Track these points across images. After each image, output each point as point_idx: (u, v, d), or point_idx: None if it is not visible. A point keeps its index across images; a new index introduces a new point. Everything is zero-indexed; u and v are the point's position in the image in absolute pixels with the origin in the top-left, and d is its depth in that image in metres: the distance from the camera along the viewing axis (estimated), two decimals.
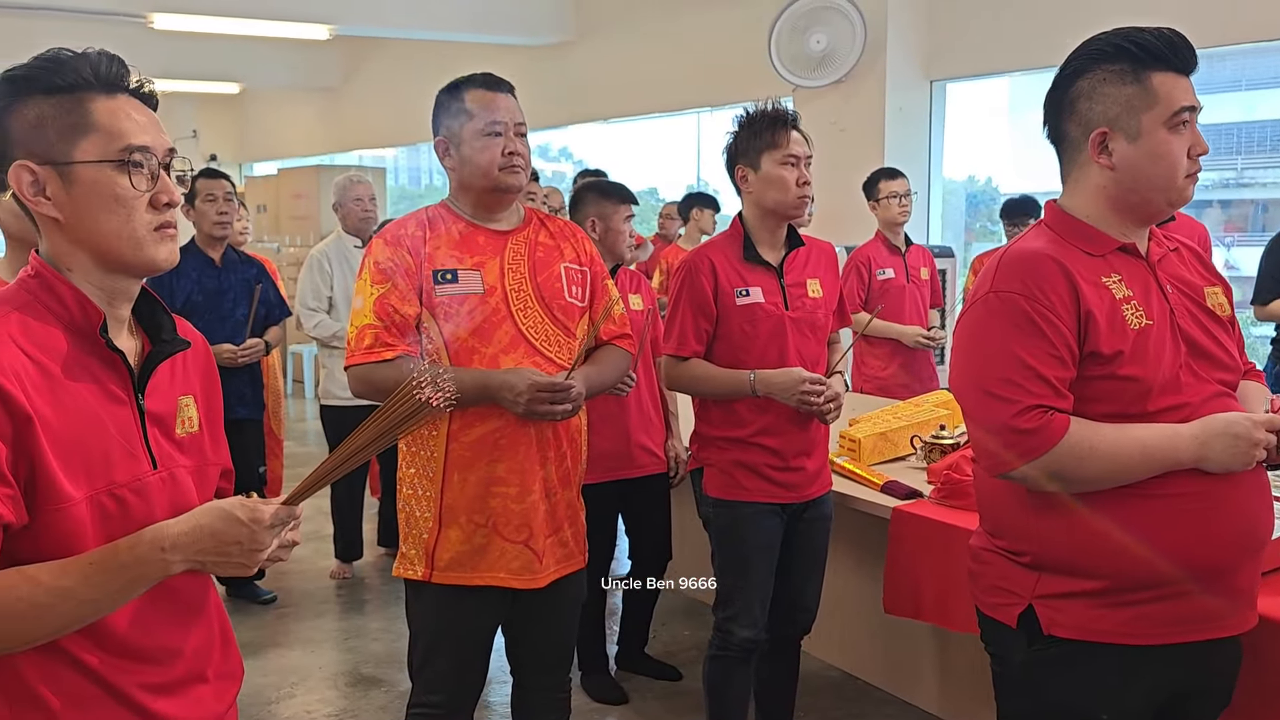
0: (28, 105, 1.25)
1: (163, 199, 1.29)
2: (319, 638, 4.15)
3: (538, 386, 2.13)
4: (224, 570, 1.28)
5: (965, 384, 1.72)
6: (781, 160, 2.57)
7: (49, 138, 1.24)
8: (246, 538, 1.25)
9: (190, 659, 1.36)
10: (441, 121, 2.27)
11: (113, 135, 1.26)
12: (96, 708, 1.26)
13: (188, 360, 1.42)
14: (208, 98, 12.27)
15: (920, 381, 4.56)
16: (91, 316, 1.27)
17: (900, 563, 2.78)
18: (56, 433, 1.20)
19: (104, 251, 1.27)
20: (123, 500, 1.26)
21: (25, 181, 1.25)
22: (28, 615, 1.17)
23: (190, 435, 1.39)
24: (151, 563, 1.22)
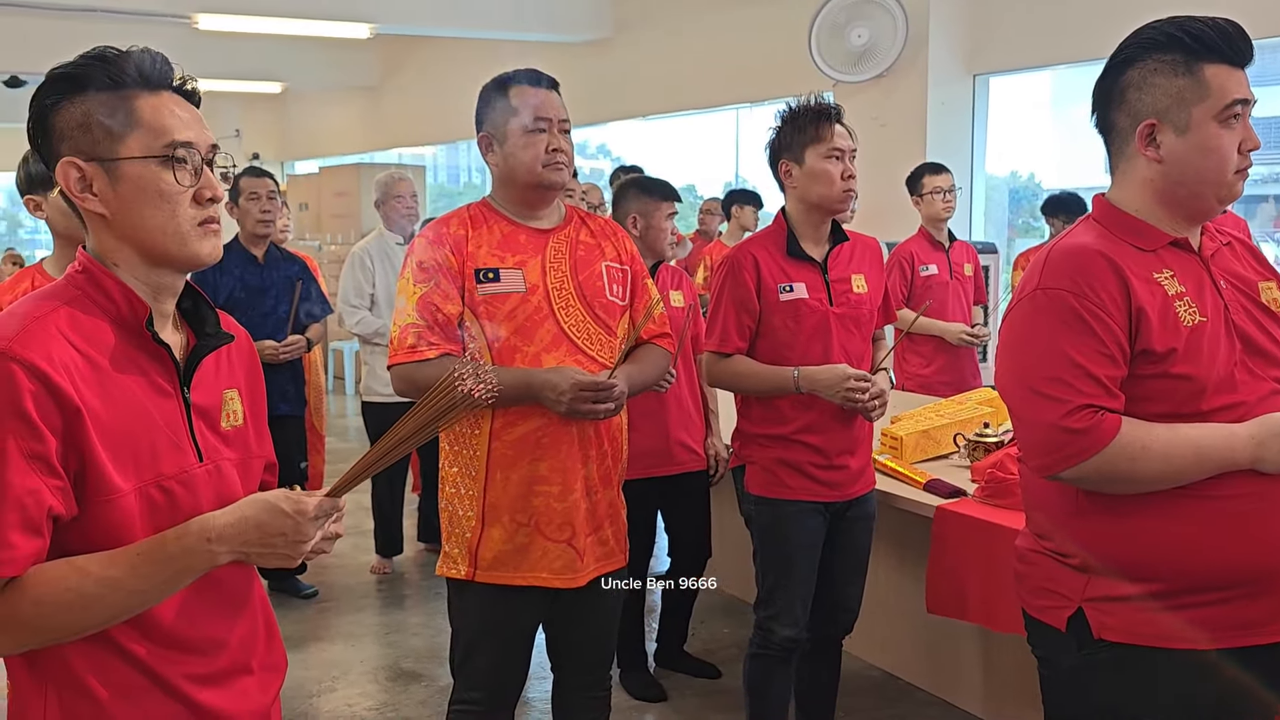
0: (74, 103, 1.26)
1: (206, 194, 1.30)
2: (359, 632, 4.18)
3: (580, 386, 2.12)
4: (268, 562, 1.29)
5: (1012, 383, 1.68)
6: (826, 154, 2.54)
7: (95, 135, 1.26)
8: (291, 529, 1.26)
9: (235, 651, 1.37)
10: (485, 117, 2.27)
11: (157, 131, 1.27)
12: (143, 698, 1.28)
13: (232, 354, 1.44)
14: (251, 97, 12.42)
15: (963, 379, 4.51)
16: (138, 310, 1.28)
17: (943, 562, 2.75)
18: (105, 425, 1.22)
19: (149, 246, 1.29)
20: (170, 492, 1.28)
21: (72, 178, 1.27)
22: (76, 605, 1.19)
23: (235, 429, 1.40)
24: (198, 554, 1.24)
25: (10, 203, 20.53)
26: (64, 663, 1.24)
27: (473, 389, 1.29)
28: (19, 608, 1.18)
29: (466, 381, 1.29)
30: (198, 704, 1.32)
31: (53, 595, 1.18)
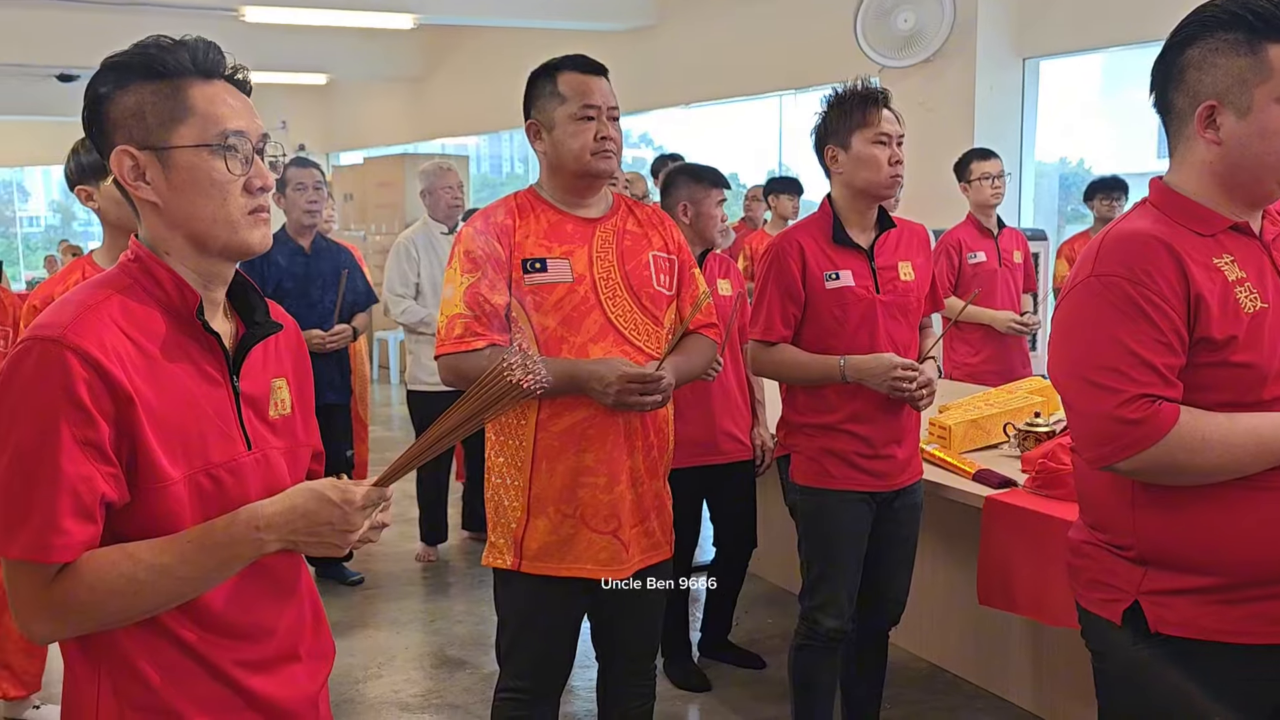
0: (128, 92, 1.27)
1: (256, 183, 1.31)
2: (405, 619, 4.21)
3: (627, 378, 2.11)
4: (316, 550, 1.29)
5: (1065, 372, 1.65)
6: (873, 139, 2.51)
7: (148, 123, 1.26)
8: (338, 518, 1.26)
9: (283, 638, 1.38)
10: (533, 104, 2.26)
11: (209, 120, 1.28)
12: (194, 683, 1.29)
13: (280, 343, 1.44)
14: (297, 89, 12.53)
15: (1012, 368, 4.44)
16: (188, 299, 1.29)
17: (993, 553, 2.71)
18: (156, 413, 1.23)
19: (200, 234, 1.29)
20: (219, 480, 1.29)
21: (126, 166, 1.27)
22: (128, 591, 1.20)
23: (283, 417, 1.40)
24: (246, 542, 1.25)
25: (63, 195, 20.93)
26: (117, 647, 1.26)
27: (521, 379, 1.28)
28: (73, 593, 1.19)
29: (515, 372, 1.28)
30: (247, 690, 1.33)
31: (106, 581, 1.19)
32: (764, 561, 4.26)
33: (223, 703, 1.31)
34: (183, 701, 1.28)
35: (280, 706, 1.37)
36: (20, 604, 1.21)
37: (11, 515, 1.17)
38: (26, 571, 1.19)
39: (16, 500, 1.17)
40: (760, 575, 4.39)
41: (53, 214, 21.38)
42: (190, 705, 1.28)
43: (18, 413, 1.18)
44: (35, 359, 1.18)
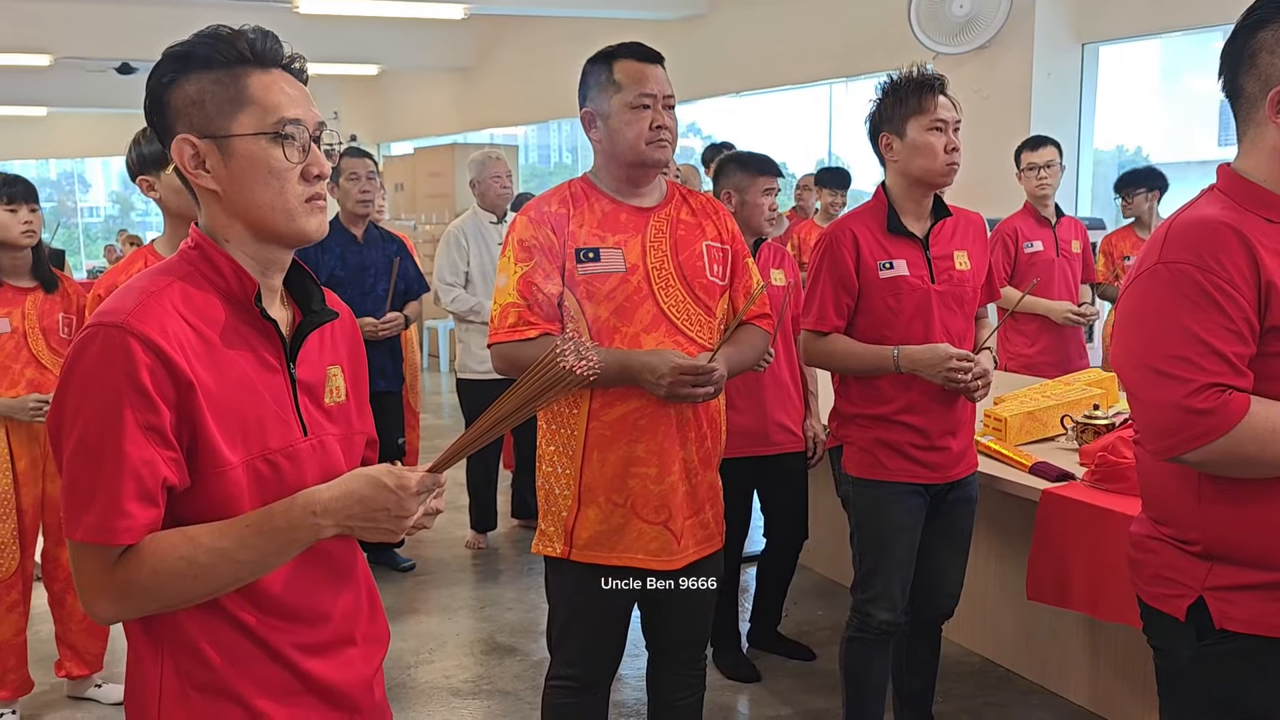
0: (189, 81, 1.28)
1: (313, 171, 1.32)
2: (455, 605, 4.25)
3: (680, 369, 2.10)
4: (370, 536, 1.30)
5: (1131, 362, 1.61)
6: (929, 126, 2.47)
7: (208, 112, 1.28)
8: (394, 504, 1.27)
9: (339, 622, 1.40)
10: (589, 92, 2.25)
11: (267, 109, 1.29)
12: (253, 665, 1.31)
13: (335, 331, 1.45)
14: (348, 80, 12.67)
15: (1068, 359, 4.36)
16: (247, 286, 1.31)
17: (1048, 547, 2.66)
18: (216, 399, 1.24)
19: (258, 222, 1.30)
20: (276, 465, 1.30)
21: (186, 154, 1.29)
22: (188, 574, 1.22)
23: (338, 404, 1.42)
24: (303, 526, 1.26)
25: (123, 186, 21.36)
26: (179, 628, 1.28)
27: (574, 366, 1.28)
28: (136, 575, 1.21)
29: (568, 358, 1.28)
30: (304, 673, 1.34)
31: (167, 564, 1.21)
32: (814, 553, 4.23)
33: (281, 685, 1.33)
34: (243, 683, 1.30)
35: (337, 689, 1.38)
36: (85, 584, 1.23)
37: (77, 498, 1.20)
38: (91, 553, 1.21)
39: (82, 484, 1.19)
40: (810, 567, 4.36)
41: (112, 204, 21.84)
42: (250, 687, 1.30)
43: (84, 398, 1.20)
44: (100, 345, 1.20)
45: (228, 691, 1.29)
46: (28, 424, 3.16)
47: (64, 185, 20.37)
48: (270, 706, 1.32)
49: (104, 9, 9.29)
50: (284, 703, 1.33)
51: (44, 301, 3.22)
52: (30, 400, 3.12)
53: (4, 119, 15.46)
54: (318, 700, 1.36)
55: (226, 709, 1.29)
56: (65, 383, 1.22)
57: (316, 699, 1.36)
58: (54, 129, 16.43)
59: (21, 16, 9.08)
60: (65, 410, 1.21)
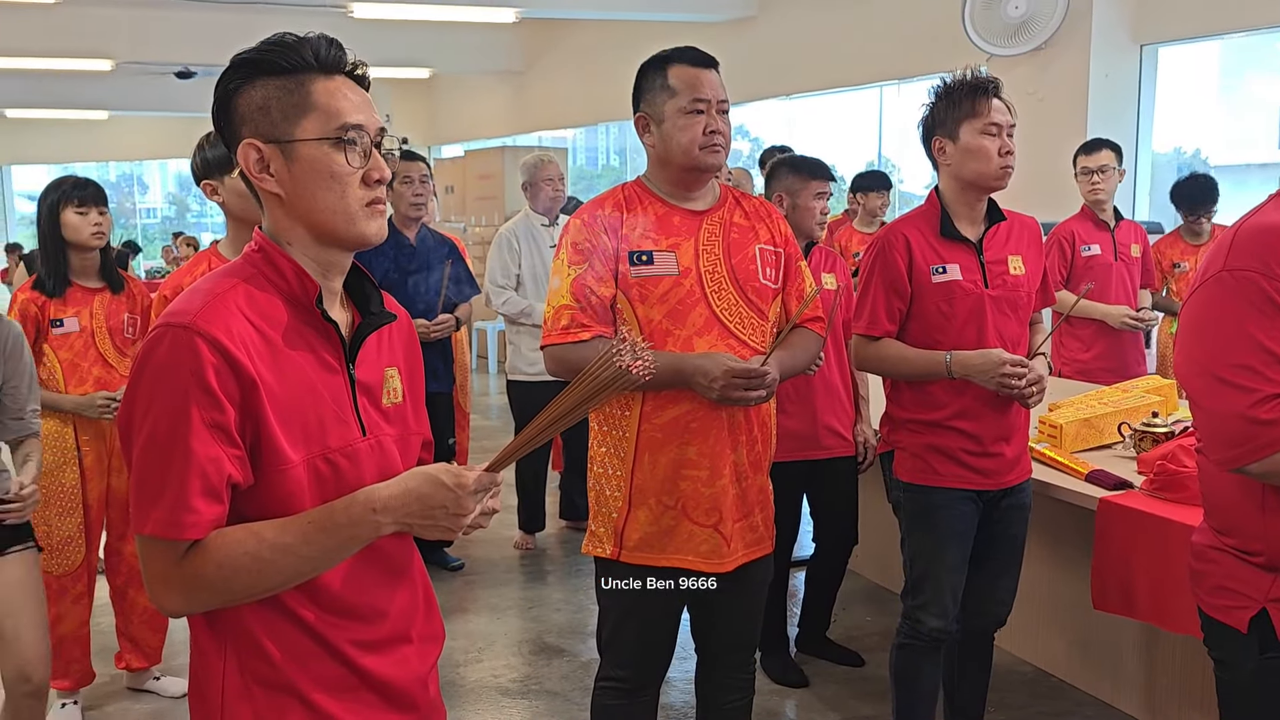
0: (255, 87, 1.31)
1: (374, 175, 1.34)
2: (504, 605, 4.28)
3: (733, 372, 2.10)
4: (429, 534, 1.32)
5: (1195, 370, 1.59)
6: (982, 129, 2.44)
7: (274, 117, 1.31)
8: (451, 502, 1.29)
9: (396, 619, 1.42)
10: (643, 96, 2.26)
11: (330, 114, 1.31)
12: (312, 661, 1.33)
13: (392, 334, 1.47)
14: (401, 83, 12.81)
15: (1125, 366, 4.29)
16: (309, 288, 1.33)
17: (1110, 557, 2.63)
18: (278, 398, 1.27)
19: (320, 225, 1.33)
20: (336, 465, 1.32)
21: (252, 159, 1.32)
22: (252, 569, 1.25)
23: (395, 406, 1.44)
24: (364, 523, 1.28)
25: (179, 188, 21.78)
26: (242, 624, 1.30)
27: (630, 365, 1.29)
28: (203, 569, 1.24)
29: (624, 357, 1.29)
30: (362, 669, 1.36)
31: (232, 558, 1.24)
32: (863, 558, 4.21)
33: (340, 681, 1.35)
34: (302, 679, 1.32)
35: (394, 686, 1.40)
36: (153, 578, 1.26)
37: (147, 494, 1.23)
38: (159, 547, 1.24)
39: (151, 480, 1.23)
40: (859, 572, 4.34)
41: (169, 206, 22.26)
42: (309, 682, 1.33)
43: (153, 397, 1.23)
44: (168, 345, 1.23)
45: (288, 687, 1.32)
46: (95, 421, 3.24)
47: (123, 187, 20.80)
48: (329, 702, 1.34)
49: (164, 15, 9.49)
50: (342, 699, 1.35)
51: (111, 302, 3.29)
52: (98, 398, 3.20)
53: (68, 122, 15.84)
54: (375, 697, 1.38)
55: (287, 703, 1.32)
56: (135, 382, 1.25)
57: (374, 695, 1.38)
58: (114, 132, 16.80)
59: (86, 23, 9.31)
60: (135, 408, 1.24)
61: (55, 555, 3.27)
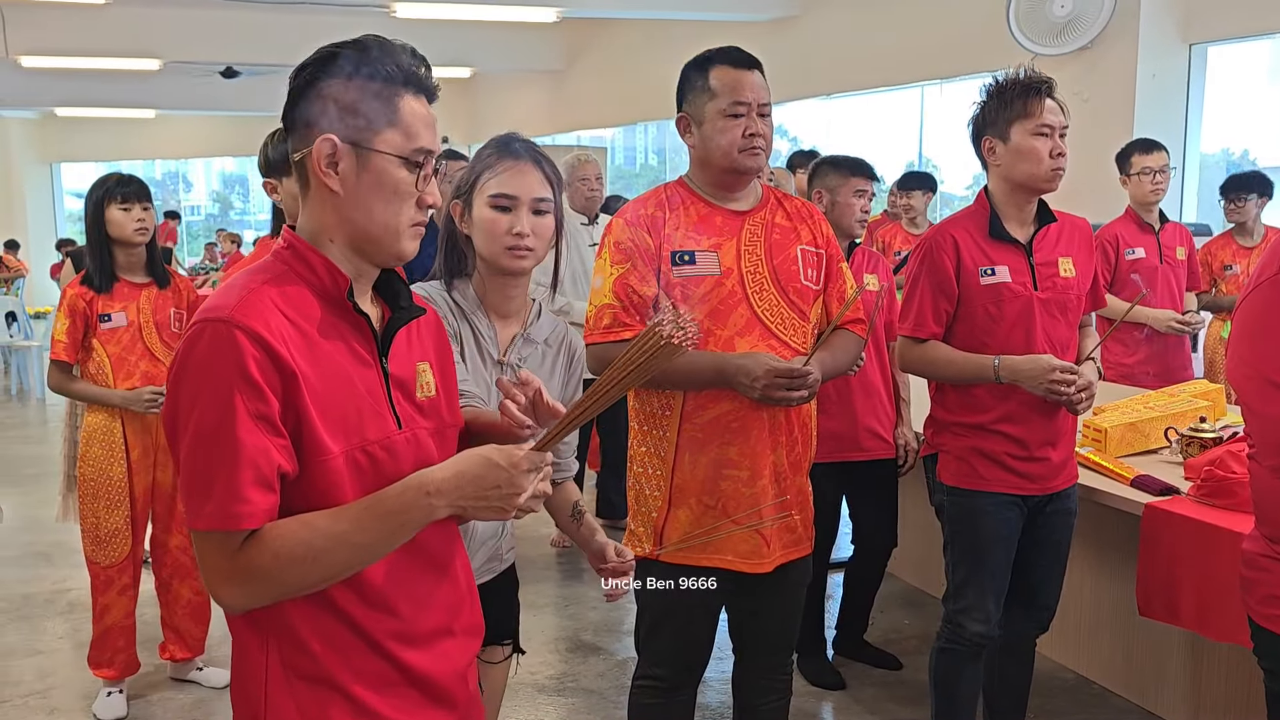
0: (349, 85, 1.31)
1: (427, 200, 1.35)
2: (540, 602, 4.29)
3: (775, 372, 2.09)
4: (483, 515, 1.32)
5: (1248, 373, 1.56)
6: (1034, 130, 2.41)
7: (359, 120, 1.31)
8: (505, 481, 1.28)
9: (439, 612, 1.42)
10: (685, 97, 2.26)
11: (410, 134, 1.32)
12: (354, 655, 1.33)
13: (422, 329, 1.47)
14: (442, 82, 12.83)
15: (1171, 370, 4.23)
16: (340, 283, 1.34)
17: (1155, 564, 2.59)
18: (316, 390, 1.28)
19: (365, 234, 1.34)
20: (374, 457, 1.33)
21: (325, 153, 1.31)
22: (307, 558, 1.25)
23: (429, 399, 1.43)
24: (417, 507, 1.28)
25: (223, 185, 22.07)
26: (284, 618, 1.31)
27: (673, 335, 1.28)
28: (259, 560, 1.24)
29: (666, 327, 1.28)
30: (403, 664, 1.36)
31: (287, 548, 1.24)
32: (901, 561, 4.17)
33: (381, 676, 1.35)
34: (344, 672, 1.32)
35: (434, 681, 1.40)
36: (210, 572, 1.26)
37: (198, 488, 1.23)
38: (215, 541, 1.24)
39: (202, 474, 1.23)
40: (897, 575, 4.31)
41: (212, 203, 22.55)
42: (351, 677, 1.33)
43: (198, 391, 1.23)
44: (209, 340, 1.23)
45: (330, 680, 1.32)
46: (141, 415, 3.29)
47: (168, 185, 21.10)
48: (370, 696, 1.34)
49: (210, 15, 9.62)
50: (383, 694, 1.35)
51: (157, 297, 3.34)
52: (146, 392, 3.25)
53: (115, 121, 16.09)
54: (416, 692, 1.38)
55: (329, 697, 1.32)
56: (178, 378, 1.25)
57: (415, 691, 1.38)
58: (161, 131, 17.06)
59: (134, 24, 9.46)
60: (180, 404, 1.25)
61: (103, 547, 3.32)
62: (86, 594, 3.47)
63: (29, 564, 4.89)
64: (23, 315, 10.53)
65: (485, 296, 1.96)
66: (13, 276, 12.64)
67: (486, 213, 1.90)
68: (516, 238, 1.89)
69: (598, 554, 1.92)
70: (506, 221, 1.89)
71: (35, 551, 5.03)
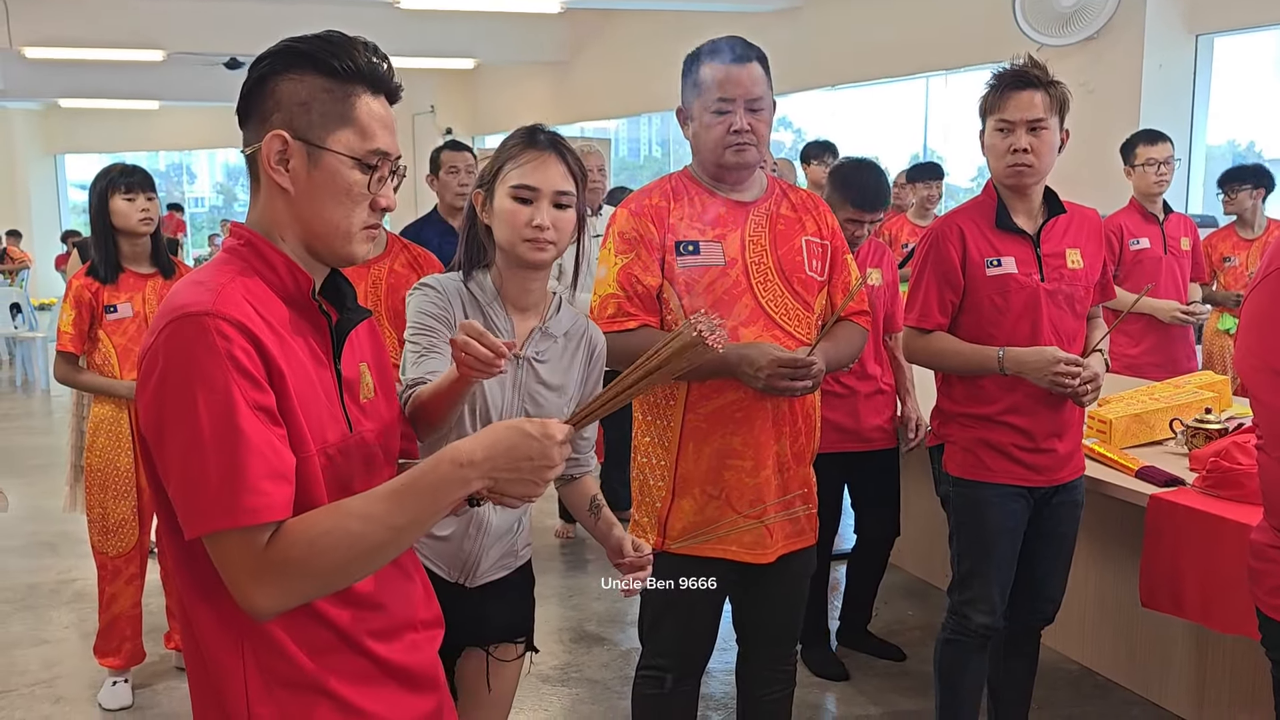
0: (301, 80, 1.27)
1: (381, 203, 1.32)
2: (544, 593, 4.25)
3: (779, 362, 2.09)
4: (514, 489, 1.26)
5: (1256, 365, 1.56)
6: (995, 125, 2.41)
7: (312, 118, 1.27)
8: (538, 452, 1.24)
9: (402, 607, 1.40)
10: (682, 90, 2.25)
11: (366, 135, 1.28)
12: (333, 655, 1.30)
13: (360, 330, 1.44)
14: (445, 74, 12.86)
15: (1175, 361, 4.22)
16: (301, 282, 1.29)
17: (1159, 555, 2.58)
18: (295, 387, 1.24)
19: (316, 234, 1.30)
20: (332, 459, 1.29)
21: (275, 149, 1.27)
22: (342, 546, 1.19)
23: (369, 401, 1.41)
24: (453, 481, 1.22)
25: (227, 177, 22.05)
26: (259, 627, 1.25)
27: (705, 336, 1.29)
28: (291, 553, 1.18)
29: (699, 328, 1.29)
30: (381, 658, 1.34)
31: (322, 536, 1.19)
32: (904, 552, 4.18)
33: (362, 673, 1.32)
34: (326, 674, 1.28)
35: (412, 671, 1.38)
36: (239, 576, 1.18)
37: (205, 490, 1.16)
38: (235, 541, 1.16)
39: (206, 474, 1.15)
40: (900, 566, 4.31)
41: (216, 195, 22.53)
42: (333, 677, 1.29)
43: (188, 389, 1.16)
44: (192, 333, 1.17)
45: (312, 684, 1.28)
46: None
47: (172, 176, 21.08)
48: (353, 693, 1.31)
49: (214, 6, 9.61)
50: (366, 689, 1.32)
51: (163, 287, 3.34)
52: None
53: (119, 112, 16.07)
54: (395, 684, 1.36)
55: (313, 700, 1.28)
56: (162, 379, 1.17)
57: (394, 682, 1.36)
58: (164, 122, 17.03)
59: (138, 14, 9.44)
60: (166, 407, 1.17)
61: (111, 537, 3.33)
62: (92, 584, 3.48)
63: (34, 554, 4.91)
64: (27, 307, 10.55)
65: (503, 289, 1.94)
66: (17, 268, 12.66)
67: (507, 204, 1.87)
68: (536, 230, 1.84)
69: (615, 549, 1.91)
70: (527, 213, 1.85)
71: (40, 542, 5.05)
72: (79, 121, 16.84)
